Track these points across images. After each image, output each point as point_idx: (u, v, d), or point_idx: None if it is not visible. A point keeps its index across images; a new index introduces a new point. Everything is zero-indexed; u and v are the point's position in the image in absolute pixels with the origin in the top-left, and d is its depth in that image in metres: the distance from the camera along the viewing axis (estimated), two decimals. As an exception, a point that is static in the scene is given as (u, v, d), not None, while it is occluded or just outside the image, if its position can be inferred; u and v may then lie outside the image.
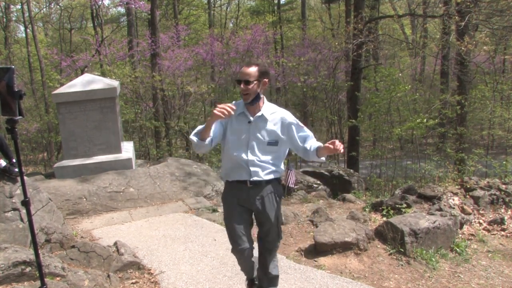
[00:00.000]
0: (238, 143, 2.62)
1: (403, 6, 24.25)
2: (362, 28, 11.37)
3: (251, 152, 2.60)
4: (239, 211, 2.69)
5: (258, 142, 2.61)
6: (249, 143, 2.61)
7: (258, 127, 2.61)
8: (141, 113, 13.31)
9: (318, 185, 7.23)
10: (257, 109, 2.61)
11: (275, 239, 2.78)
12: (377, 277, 3.65)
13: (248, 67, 2.54)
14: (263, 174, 2.63)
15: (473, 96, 13.66)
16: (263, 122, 2.61)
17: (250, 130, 2.60)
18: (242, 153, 2.61)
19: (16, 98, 2.26)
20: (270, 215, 2.67)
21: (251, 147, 2.61)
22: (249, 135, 2.60)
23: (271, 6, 27.08)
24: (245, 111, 2.62)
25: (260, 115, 2.60)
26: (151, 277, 3.62)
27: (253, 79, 2.51)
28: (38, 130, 15.99)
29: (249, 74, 2.51)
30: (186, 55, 13.65)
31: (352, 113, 12.46)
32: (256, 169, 2.61)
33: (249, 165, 2.60)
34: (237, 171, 2.65)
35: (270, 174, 2.65)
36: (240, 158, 2.61)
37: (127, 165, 6.63)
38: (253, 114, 2.61)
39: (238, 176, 2.66)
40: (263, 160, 2.62)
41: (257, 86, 2.55)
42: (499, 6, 9.56)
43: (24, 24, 21.53)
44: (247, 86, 2.51)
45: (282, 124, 2.63)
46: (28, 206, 2.46)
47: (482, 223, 5.02)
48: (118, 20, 26.24)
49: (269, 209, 2.67)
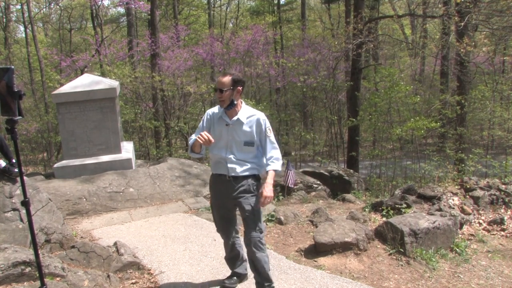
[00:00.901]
0: (218, 143, 3.00)
1: (403, 6, 24.26)
2: (362, 28, 11.36)
3: (229, 151, 2.99)
4: (221, 199, 3.09)
5: (235, 142, 2.98)
6: (227, 143, 2.99)
7: (235, 129, 2.97)
8: (141, 113, 13.31)
9: (318, 185, 7.23)
10: (234, 113, 2.98)
11: (252, 229, 2.97)
12: (377, 277, 3.66)
13: (223, 77, 2.91)
14: (239, 171, 2.97)
15: (473, 96, 13.66)
16: (239, 124, 2.97)
17: (228, 131, 2.98)
18: (221, 152, 3.00)
19: (15, 98, 2.26)
20: (244, 205, 2.96)
21: (229, 147, 2.99)
22: (227, 136, 2.98)
23: (271, 6, 27.10)
24: (223, 115, 3.01)
25: (236, 119, 2.96)
26: (151, 277, 3.62)
27: (227, 87, 2.87)
28: (38, 130, 15.98)
29: (223, 83, 2.88)
30: (186, 55, 13.65)
31: (352, 113, 12.46)
32: (233, 166, 2.97)
33: (227, 162, 2.98)
34: (218, 166, 3.06)
35: (247, 171, 2.99)
36: (220, 156, 3.01)
37: (127, 165, 6.63)
38: (230, 117, 2.98)
39: (219, 170, 3.05)
40: (239, 158, 2.98)
41: (231, 94, 2.90)
42: (498, 6, 9.56)
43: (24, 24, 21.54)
44: (221, 94, 2.88)
45: (256, 127, 2.98)
46: (28, 206, 2.46)
47: (482, 223, 5.03)
48: (118, 20, 26.25)
49: (244, 199, 2.97)
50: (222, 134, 3.00)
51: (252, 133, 2.97)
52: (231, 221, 3.20)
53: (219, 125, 3.02)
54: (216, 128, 3.03)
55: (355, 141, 12.61)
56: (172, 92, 12.70)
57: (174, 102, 12.80)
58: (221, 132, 3.00)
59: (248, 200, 2.98)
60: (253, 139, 2.98)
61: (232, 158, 2.97)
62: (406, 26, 25.65)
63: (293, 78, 15.61)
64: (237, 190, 2.98)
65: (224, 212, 3.14)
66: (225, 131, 2.99)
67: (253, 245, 2.97)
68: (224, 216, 3.16)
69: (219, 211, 3.16)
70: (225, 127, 2.98)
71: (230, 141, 2.98)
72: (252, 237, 2.97)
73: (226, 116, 3.00)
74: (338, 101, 17.01)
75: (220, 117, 3.02)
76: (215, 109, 3.11)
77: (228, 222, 3.19)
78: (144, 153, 13.47)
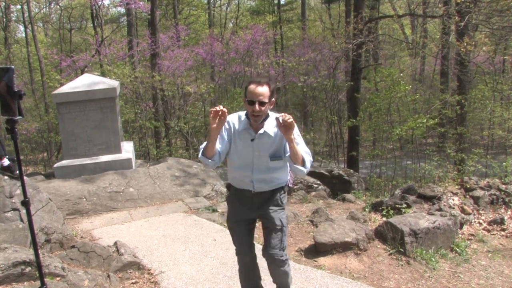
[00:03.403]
0: (242, 160, 2.59)
1: (403, 6, 24.25)
2: (362, 28, 11.36)
3: (255, 170, 2.57)
4: (244, 213, 2.71)
5: (261, 159, 2.55)
6: (253, 160, 2.56)
7: (261, 144, 2.53)
8: (141, 113, 13.31)
9: (318, 185, 7.22)
10: (261, 125, 2.51)
11: (276, 245, 2.63)
12: (377, 277, 3.65)
13: (259, 85, 2.40)
14: (267, 187, 2.62)
15: (473, 96, 13.65)
16: (266, 138, 2.52)
17: (253, 147, 2.54)
18: (246, 171, 2.59)
19: (15, 98, 2.26)
20: (274, 219, 2.63)
21: (255, 165, 2.56)
22: (252, 153, 2.55)
23: (271, 6, 27.12)
24: (248, 128, 2.54)
25: (263, 132, 2.51)
26: (151, 277, 3.62)
27: (267, 100, 2.41)
28: (38, 130, 15.98)
29: (263, 95, 2.39)
30: (186, 55, 13.66)
31: (352, 113, 12.45)
32: (260, 184, 2.60)
33: (253, 181, 2.59)
34: (242, 183, 2.66)
35: (275, 186, 2.65)
36: (244, 175, 2.61)
37: (127, 165, 6.63)
38: (256, 130, 2.52)
39: (242, 186, 2.66)
40: (267, 176, 2.59)
41: (269, 106, 2.48)
42: (498, 6, 9.55)
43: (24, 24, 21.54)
44: (261, 108, 2.40)
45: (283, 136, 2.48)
46: (28, 206, 2.46)
47: (482, 223, 5.02)
48: (118, 20, 26.26)
49: (272, 213, 2.64)
50: (246, 150, 2.56)
51: (279, 146, 2.54)
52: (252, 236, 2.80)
53: (242, 139, 2.55)
54: (238, 143, 2.56)
55: (355, 141, 12.60)
56: (172, 92, 12.71)
57: (174, 102, 12.80)
58: (244, 149, 2.56)
59: (277, 213, 2.63)
60: (280, 152, 2.54)
61: (257, 177, 2.57)
62: (406, 26, 25.65)
63: (293, 78, 15.61)
64: (264, 202, 2.64)
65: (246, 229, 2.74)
66: (249, 147, 2.54)
67: (276, 263, 2.66)
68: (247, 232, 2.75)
69: (240, 227, 2.73)
70: (250, 143, 2.53)
71: (256, 158, 2.55)
72: (275, 255, 2.62)
73: (251, 129, 2.52)
74: (338, 101, 17.00)
75: (244, 130, 2.54)
76: (234, 118, 2.60)
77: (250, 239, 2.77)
78: (144, 153, 13.47)
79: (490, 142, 16.36)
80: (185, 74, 13.42)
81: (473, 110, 14.85)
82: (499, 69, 18.28)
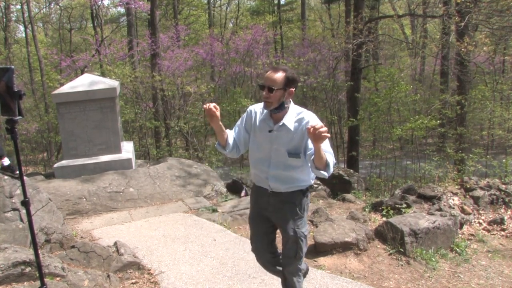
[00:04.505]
0: (259, 153, 2.51)
1: (403, 6, 24.26)
2: (362, 28, 11.36)
3: (272, 165, 2.46)
4: (260, 214, 2.65)
5: (278, 154, 2.43)
6: (270, 154, 2.45)
7: (280, 137, 2.40)
8: (141, 113, 13.30)
9: (318, 185, 7.22)
10: (280, 117, 2.41)
11: (290, 255, 2.53)
12: (377, 277, 3.66)
13: (274, 72, 2.33)
14: (283, 188, 2.47)
15: (473, 96, 13.65)
16: (285, 132, 2.39)
17: (271, 140, 2.43)
18: (263, 165, 2.49)
19: (15, 98, 2.26)
20: (285, 226, 2.50)
21: (272, 159, 2.45)
22: (270, 146, 2.44)
23: (271, 6, 27.13)
24: (267, 118, 2.45)
25: (282, 124, 2.39)
26: (151, 277, 3.62)
27: (278, 86, 2.30)
28: (38, 130, 15.98)
29: (274, 81, 2.30)
30: (186, 55, 13.65)
31: (352, 113, 12.46)
32: (276, 184, 2.48)
33: (269, 178, 2.48)
34: (259, 179, 2.58)
35: (292, 187, 2.48)
36: (261, 170, 2.51)
37: (127, 165, 6.63)
38: (276, 121, 2.42)
39: (260, 183, 2.59)
40: (283, 172, 2.44)
41: (281, 95, 2.33)
42: (498, 6, 9.56)
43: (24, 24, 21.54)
44: (269, 94, 2.31)
45: (305, 131, 2.32)
46: (28, 206, 2.46)
47: (482, 223, 5.02)
48: (118, 20, 26.26)
49: (284, 220, 2.51)
50: (263, 142, 2.46)
51: (298, 142, 2.38)
52: (269, 238, 2.70)
53: (261, 130, 2.47)
54: (258, 133, 2.49)
55: (355, 141, 12.61)
56: (172, 92, 12.70)
57: (174, 102, 12.79)
58: (262, 140, 2.47)
59: (292, 223, 2.48)
60: (299, 149, 2.38)
61: (274, 173, 2.46)
62: (406, 26, 25.65)
63: (293, 78, 15.58)
64: (281, 207, 2.51)
65: (264, 227, 2.66)
66: (267, 139, 2.44)
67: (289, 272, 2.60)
68: (262, 232, 2.68)
69: (258, 225, 2.68)
70: (268, 134, 2.43)
71: (274, 152, 2.43)
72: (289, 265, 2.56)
73: (271, 120, 2.43)
74: (338, 101, 17.01)
75: (263, 120, 2.46)
76: (258, 107, 2.53)
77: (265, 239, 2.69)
78: (144, 153, 13.47)
79: (490, 142, 16.37)
80: (185, 74, 13.42)
81: (473, 110, 14.86)
82: (499, 69, 18.29)
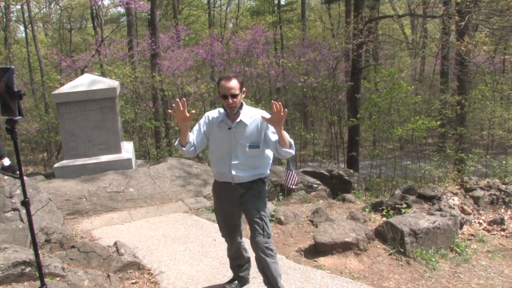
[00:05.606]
0: (221, 149, 2.82)
1: (403, 6, 24.26)
2: (362, 28, 11.37)
3: (234, 157, 2.78)
4: (226, 206, 2.95)
5: (239, 147, 2.77)
6: (231, 148, 2.78)
7: (238, 132, 2.76)
8: (141, 113, 13.31)
9: (318, 185, 7.23)
10: (236, 116, 2.77)
11: (259, 234, 2.79)
12: (377, 277, 3.65)
13: (229, 81, 2.67)
14: (246, 177, 2.79)
15: (473, 96, 13.65)
16: (242, 127, 2.76)
17: (231, 136, 2.77)
18: (225, 160, 2.80)
19: (15, 98, 2.26)
20: (252, 210, 2.80)
21: (233, 153, 2.78)
22: (230, 141, 2.78)
23: (271, 7, 27.12)
24: (225, 119, 2.80)
25: (239, 121, 2.76)
26: (151, 277, 3.62)
27: (238, 91, 2.69)
28: (38, 130, 15.98)
29: (234, 88, 2.66)
30: (186, 55, 13.65)
31: (352, 113, 12.46)
32: (239, 174, 2.78)
33: (231, 169, 2.78)
34: (221, 175, 2.86)
35: (254, 176, 2.81)
36: (224, 165, 2.81)
37: (127, 165, 6.63)
38: (232, 120, 2.78)
39: (223, 178, 2.87)
40: (244, 163, 2.77)
41: (241, 97, 2.73)
42: (498, 6, 9.56)
43: (24, 24, 21.53)
44: (234, 99, 2.67)
45: (260, 126, 2.75)
46: (28, 206, 2.46)
47: (482, 223, 5.02)
48: (118, 20, 26.23)
49: (247, 203, 2.82)
50: (224, 139, 2.80)
51: (256, 135, 2.77)
52: (237, 227, 3.08)
53: (220, 130, 2.81)
54: (217, 134, 2.83)
55: (355, 141, 12.61)
56: (172, 92, 12.70)
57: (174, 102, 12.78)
58: (223, 138, 2.80)
59: (255, 204, 2.81)
60: (258, 141, 2.77)
61: (237, 164, 2.77)
62: (406, 26, 25.65)
63: (293, 78, 15.60)
64: (244, 195, 2.83)
65: (230, 219, 3.01)
66: (227, 136, 2.78)
67: (261, 251, 2.79)
68: (230, 223, 3.03)
69: (224, 218, 3.03)
70: (228, 131, 2.78)
71: (234, 146, 2.77)
72: (259, 242, 2.78)
73: (228, 119, 2.79)
74: (338, 101, 17.01)
75: (222, 122, 2.81)
76: (214, 113, 2.90)
77: (234, 228, 3.06)
78: (144, 153, 13.47)
79: (490, 142, 16.37)
80: (185, 74, 13.42)
81: (473, 110, 14.86)
82: (499, 69, 18.30)
